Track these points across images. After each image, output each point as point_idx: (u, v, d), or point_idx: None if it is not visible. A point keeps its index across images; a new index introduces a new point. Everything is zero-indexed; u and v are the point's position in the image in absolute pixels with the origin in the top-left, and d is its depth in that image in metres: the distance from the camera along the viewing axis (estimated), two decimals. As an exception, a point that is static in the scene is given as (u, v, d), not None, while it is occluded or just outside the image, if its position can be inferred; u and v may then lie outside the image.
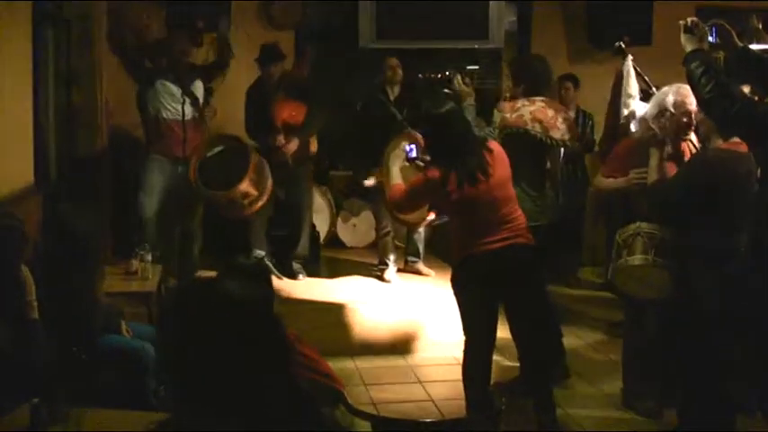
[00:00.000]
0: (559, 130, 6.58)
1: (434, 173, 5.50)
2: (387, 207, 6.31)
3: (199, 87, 8.37)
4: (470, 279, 5.67)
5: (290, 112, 8.51)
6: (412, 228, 8.80)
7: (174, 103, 8.17)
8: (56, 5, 8.62)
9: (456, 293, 5.84)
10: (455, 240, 5.75)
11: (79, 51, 9.11)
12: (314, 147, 8.88)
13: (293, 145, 8.39)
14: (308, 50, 9.49)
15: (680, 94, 5.94)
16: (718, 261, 5.37)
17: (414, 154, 6.03)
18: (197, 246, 8.47)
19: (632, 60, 6.96)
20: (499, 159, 5.63)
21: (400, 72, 8.87)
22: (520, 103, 6.63)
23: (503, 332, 5.98)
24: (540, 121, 6.51)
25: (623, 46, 6.99)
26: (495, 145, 5.72)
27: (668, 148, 6.01)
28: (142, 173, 8.21)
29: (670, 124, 5.97)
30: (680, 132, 6.00)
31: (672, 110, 5.95)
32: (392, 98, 8.82)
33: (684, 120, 5.94)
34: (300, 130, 8.47)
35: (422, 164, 5.94)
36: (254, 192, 7.80)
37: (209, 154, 7.90)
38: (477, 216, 5.54)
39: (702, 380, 5.54)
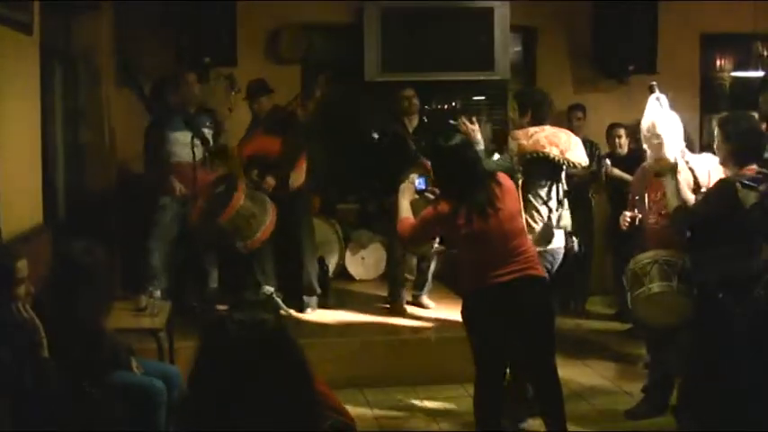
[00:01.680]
0: (574, 153, 6.60)
1: (444, 206, 5.50)
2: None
3: (210, 126, 8.41)
4: (481, 312, 5.65)
5: (260, 146, 8.53)
6: (421, 256, 8.80)
7: (183, 147, 8.14)
8: (63, 42, 8.68)
9: (467, 326, 5.82)
10: (465, 273, 5.73)
11: (87, 88, 9.16)
12: (302, 177, 8.77)
13: (269, 181, 8.37)
14: (316, 86, 9.50)
15: (649, 119, 6.25)
16: (745, 285, 5.39)
17: (423, 186, 6.04)
18: (213, 283, 8.44)
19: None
20: (508, 192, 5.64)
21: (416, 102, 8.85)
22: (532, 130, 6.65)
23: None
24: (557, 145, 6.54)
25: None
26: (503, 177, 5.72)
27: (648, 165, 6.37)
28: (153, 216, 8.23)
29: (649, 146, 6.25)
30: (653, 152, 6.22)
31: (646, 133, 6.24)
32: (410, 129, 8.81)
33: (654, 141, 6.17)
34: (277, 163, 8.47)
35: (431, 197, 5.94)
36: (246, 227, 7.78)
37: (216, 192, 7.92)
38: (487, 249, 5.53)
39: (732, 404, 5.54)
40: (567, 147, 6.60)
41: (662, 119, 6.19)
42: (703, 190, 5.98)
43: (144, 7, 9.69)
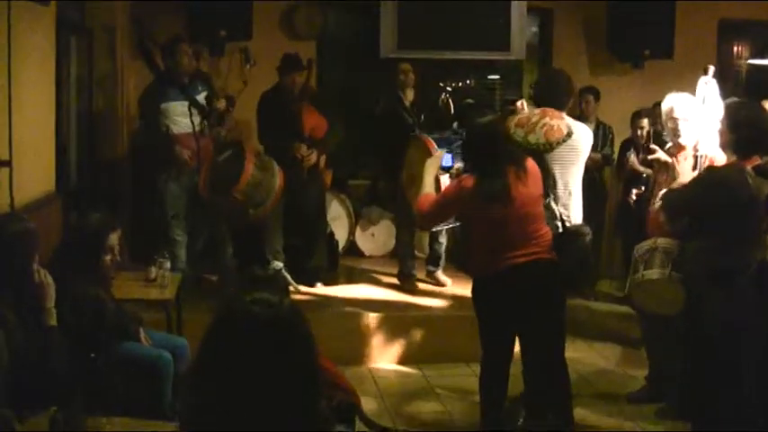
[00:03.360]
0: (536, 135, 6.46)
1: (468, 182, 5.50)
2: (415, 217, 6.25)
3: (204, 89, 8.32)
4: (493, 293, 5.64)
5: (317, 123, 8.61)
6: (434, 232, 8.81)
7: (182, 117, 8.08)
8: (79, 14, 8.69)
9: (477, 306, 5.82)
10: (478, 253, 5.70)
11: (101, 59, 9.17)
12: (324, 156, 8.87)
13: (314, 157, 8.43)
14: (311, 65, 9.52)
15: (669, 104, 6.37)
16: (729, 277, 5.38)
17: (450, 163, 6.04)
18: (228, 250, 8.44)
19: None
20: (533, 175, 5.61)
21: (412, 76, 8.86)
22: (523, 113, 6.60)
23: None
24: (522, 127, 6.42)
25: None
26: (530, 161, 5.69)
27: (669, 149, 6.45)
28: (161, 188, 8.18)
29: (667, 128, 6.49)
30: (672, 135, 6.43)
31: (664, 116, 6.45)
32: (407, 103, 8.82)
33: (670, 125, 6.40)
34: (322, 142, 8.52)
35: (455, 173, 5.95)
36: (257, 195, 7.78)
37: (219, 159, 7.92)
38: (504, 230, 5.50)
39: (716, 393, 5.55)
40: (531, 129, 6.45)
41: (683, 104, 6.22)
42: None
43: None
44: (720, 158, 6.07)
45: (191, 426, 2.54)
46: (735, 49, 11.50)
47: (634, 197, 6.93)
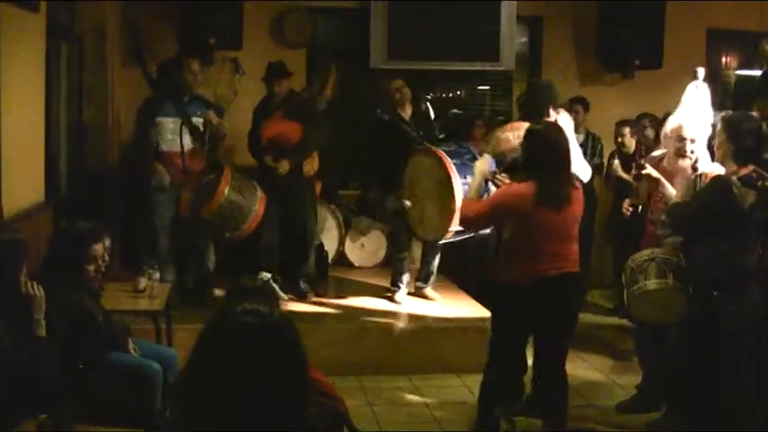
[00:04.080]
0: (490, 146, 6.57)
1: (528, 187, 5.52)
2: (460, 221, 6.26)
3: (201, 114, 8.16)
4: (520, 302, 5.65)
5: (280, 131, 8.50)
6: (430, 248, 8.80)
7: (172, 135, 8.00)
8: (69, 20, 8.67)
9: (498, 314, 5.90)
10: (512, 263, 5.69)
11: (92, 68, 9.16)
12: (315, 166, 8.84)
13: (284, 165, 8.36)
14: (332, 69, 9.50)
15: (678, 122, 6.31)
16: (739, 284, 5.41)
17: (495, 167, 6.07)
18: (210, 263, 8.37)
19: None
20: (579, 196, 5.70)
21: (407, 92, 8.82)
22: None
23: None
24: (497, 140, 6.55)
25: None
26: (578, 183, 5.79)
27: (666, 166, 6.35)
28: (151, 199, 8.09)
29: (668, 146, 6.36)
30: (676, 154, 6.31)
31: (669, 133, 6.35)
32: (406, 118, 8.76)
33: (677, 144, 6.28)
34: (294, 150, 8.47)
35: (503, 180, 5.97)
36: (232, 219, 7.77)
37: (204, 181, 7.89)
38: (545, 240, 5.55)
39: (723, 402, 5.57)
40: (490, 140, 6.64)
41: (693, 123, 6.22)
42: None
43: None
44: (709, 167, 6.09)
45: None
46: (723, 58, 11.53)
47: (630, 209, 6.92)
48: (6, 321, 4.41)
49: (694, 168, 6.18)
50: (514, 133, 6.46)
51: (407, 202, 7.34)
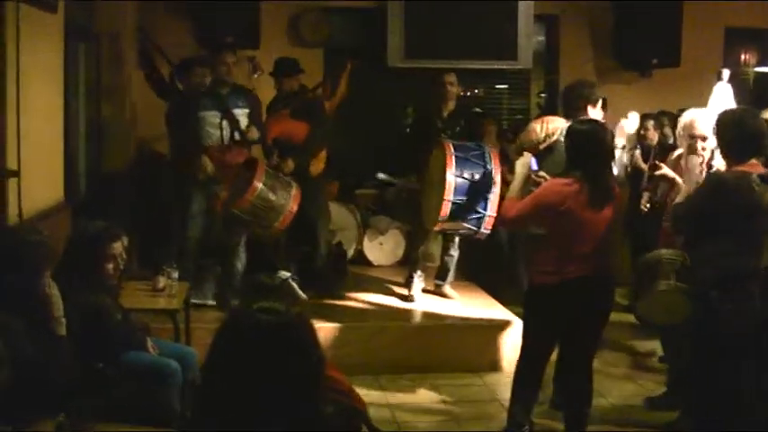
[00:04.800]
0: (520, 137, 6.85)
1: (571, 184, 5.51)
2: (499, 220, 6.30)
3: (243, 105, 8.18)
4: (554, 301, 5.63)
5: (286, 129, 8.48)
6: (449, 245, 8.82)
7: (213, 129, 8.03)
8: (87, 21, 8.70)
9: (531, 311, 5.89)
10: (548, 261, 5.67)
11: (109, 67, 9.19)
12: (321, 165, 8.78)
13: (289, 164, 8.34)
14: (347, 66, 9.48)
15: (690, 118, 6.32)
16: (736, 284, 5.39)
17: (536, 167, 6.08)
18: (240, 263, 8.26)
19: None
20: (618, 200, 5.70)
21: (455, 89, 8.74)
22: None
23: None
24: (526, 131, 6.80)
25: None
26: (617, 188, 5.78)
27: (683, 165, 6.35)
28: (185, 195, 8.10)
29: (682, 144, 6.38)
30: (688, 152, 6.30)
31: (681, 131, 6.36)
32: (445, 113, 8.68)
33: (689, 142, 6.28)
34: (300, 149, 8.45)
35: (544, 178, 5.98)
36: (265, 216, 7.73)
37: (240, 178, 7.86)
38: (583, 240, 5.54)
39: (727, 402, 5.54)
40: (525, 130, 6.87)
41: (705, 121, 6.21)
42: None
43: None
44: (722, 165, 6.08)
45: (198, 429, 2.56)
46: (742, 56, 11.49)
47: (648, 205, 6.92)
48: (28, 321, 4.43)
49: (709, 166, 6.16)
50: (543, 125, 6.54)
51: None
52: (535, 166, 6.11)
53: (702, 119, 6.26)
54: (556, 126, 6.67)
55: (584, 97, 6.75)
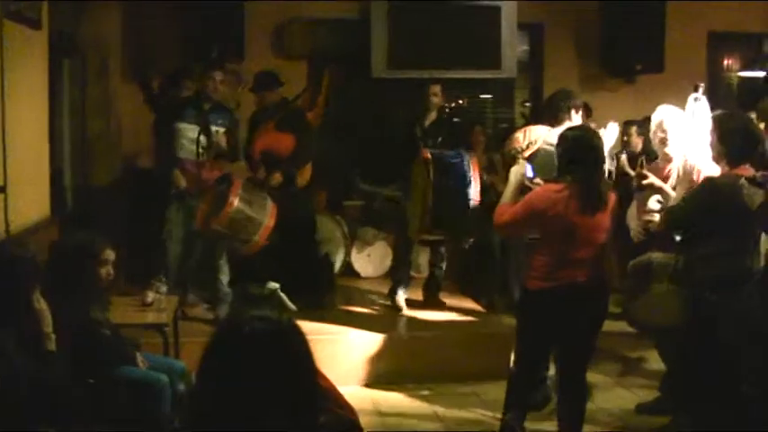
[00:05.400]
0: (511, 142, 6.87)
1: (562, 189, 5.50)
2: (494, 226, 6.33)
3: (223, 123, 8.19)
4: (546, 307, 5.62)
5: (273, 142, 8.47)
6: (436, 255, 8.84)
7: (189, 143, 8.01)
8: (71, 37, 8.70)
9: (524, 317, 5.87)
10: (541, 266, 5.64)
11: (94, 83, 9.19)
12: (307, 176, 8.74)
13: (277, 177, 8.32)
14: (326, 75, 9.49)
15: (659, 115, 6.56)
16: (731, 285, 5.41)
17: (532, 174, 6.09)
18: (225, 277, 8.23)
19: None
20: (611, 206, 5.67)
21: (438, 100, 8.78)
22: None
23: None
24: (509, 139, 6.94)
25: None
26: (612, 194, 5.77)
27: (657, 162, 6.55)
28: (163, 211, 8.10)
29: (655, 141, 6.64)
30: (658, 147, 6.60)
31: (653, 126, 6.60)
32: (427, 123, 8.72)
33: (659, 135, 6.56)
34: (287, 161, 8.45)
35: (539, 184, 6.02)
36: (243, 231, 7.72)
37: (216, 190, 7.84)
38: (575, 245, 5.51)
39: (724, 403, 5.56)
40: (509, 139, 7.01)
41: (671, 115, 6.31)
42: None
43: (153, 2, 9.72)
44: (709, 170, 6.09)
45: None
46: (725, 61, 11.54)
47: (643, 232, 6.95)
48: (18, 338, 4.42)
49: (685, 162, 6.24)
50: (525, 134, 6.60)
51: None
52: (531, 174, 6.12)
53: (669, 114, 6.45)
54: (538, 134, 6.76)
55: (566, 104, 6.82)
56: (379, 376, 7.68)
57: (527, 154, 6.62)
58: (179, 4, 9.63)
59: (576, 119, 6.76)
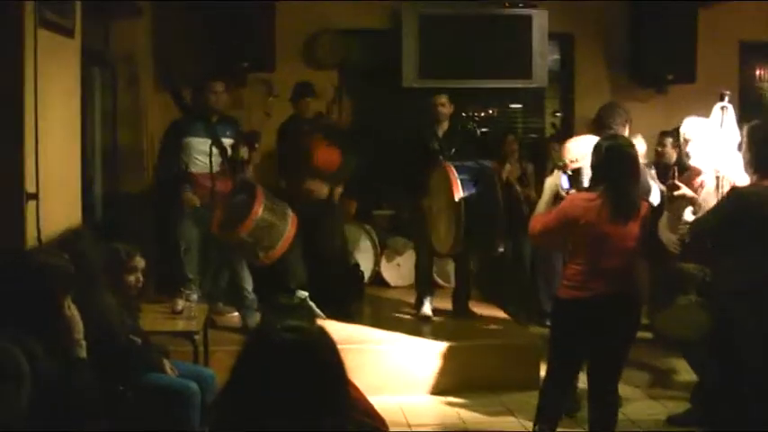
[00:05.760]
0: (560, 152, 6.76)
1: (592, 196, 5.54)
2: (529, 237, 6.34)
3: (231, 135, 8.24)
4: (577, 317, 5.64)
5: (328, 157, 8.58)
6: (461, 265, 8.85)
7: (202, 156, 8.05)
8: (103, 45, 8.75)
9: (556, 326, 5.91)
10: (572, 276, 5.67)
11: (125, 92, 9.23)
12: (341, 187, 8.88)
13: (325, 190, 8.39)
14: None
15: (685, 125, 6.60)
16: (759, 297, 5.37)
17: (567, 185, 6.10)
18: (249, 284, 8.25)
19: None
20: (643, 215, 5.67)
21: (450, 108, 8.83)
22: None
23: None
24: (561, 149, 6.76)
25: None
26: (645, 203, 5.79)
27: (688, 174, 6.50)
28: (178, 223, 8.14)
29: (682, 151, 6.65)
30: (685, 157, 6.59)
31: (680, 138, 6.67)
32: (440, 134, 8.77)
33: (685, 147, 6.60)
34: (334, 176, 8.48)
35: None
36: (266, 238, 7.73)
37: (233, 200, 7.86)
38: (604, 255, 5.53)
39: (751, 414, 5.52)
40: (561, 148, 6.84)
41: (695, 126, 6.28)
42: None
43: (183, 12, 9.76)
44: (741, 180, 6.06)
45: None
46: (757, 71, 11.46)
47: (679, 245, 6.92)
48: (49, 345, 4.44)
49: (717, 173, 6.22)
50: (574, 143, 6.54)
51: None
52: (566, 185, 6.11)
53: (694, 125, 6.50)
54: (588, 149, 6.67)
55: (615, 116, 6.83)
56: (409, 386, 7.67)
57: (575, 166, 6.54)
58: (210, 14, 9.65)
59: (625, 132, 6.76)
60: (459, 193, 7.32)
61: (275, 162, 9.15)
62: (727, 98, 6.38)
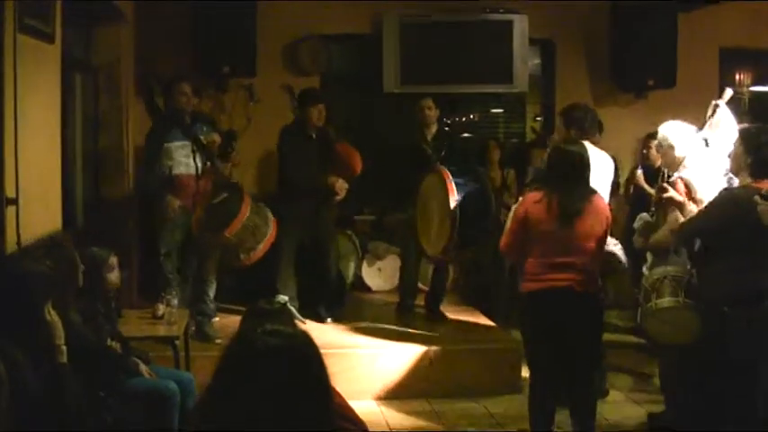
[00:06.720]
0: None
1: (536, 194, 5.87)
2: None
3: (208, 130, 8.23)
4: (534, 310, 5.91)
5: (359, 161, 8.72)
6: (439, 268, 8.87)
7: (184, 158, 8.01)
8: (84, 51, 8.73)
9: (520, 320, 6.18)
10: (528, 270, 5.93)
11: (106, 97, 9.22)
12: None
13: (345, 191, 8.49)
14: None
15: (663, 131, 6.54)
16: (747, 302, 5.38)
17: None
18: (212, 291, 8.23)
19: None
20: (596, 212, 5.89)
21: (436, 112, 8.87)
22: None
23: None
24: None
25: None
26: (600, 200, 6.00)
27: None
28: (160, 227, 8.09)
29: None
30: (663, 164, 6.55)
31: (665, 142, 6.49)
32: (429, 138, 8.82)
33: (663, 152, 6.53)
34: (352, 176, 8.62)
35: None
36: (250, 240, 7.73)
37: (214, 201, 7.83)
38: (553, 250, 5.80)
39: (738, 418, 5.54)
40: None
41: (676, 133, 6.30)
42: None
43: (165, 18, 9.75)
44: (698, 186, 6.10)
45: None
46: (737, 76, 11.50)
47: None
48: (30, 351, 4.42)
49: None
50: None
51: None
52: None
53: (673, 130, 6.45)
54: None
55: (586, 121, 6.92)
56: (390, 391, 7.67)
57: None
58: (191, 21, 9.64)
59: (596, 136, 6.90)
60: (454, 198, 7.38)
61: (264, 166, 9.12)
62: (727, 96, 6.42)
